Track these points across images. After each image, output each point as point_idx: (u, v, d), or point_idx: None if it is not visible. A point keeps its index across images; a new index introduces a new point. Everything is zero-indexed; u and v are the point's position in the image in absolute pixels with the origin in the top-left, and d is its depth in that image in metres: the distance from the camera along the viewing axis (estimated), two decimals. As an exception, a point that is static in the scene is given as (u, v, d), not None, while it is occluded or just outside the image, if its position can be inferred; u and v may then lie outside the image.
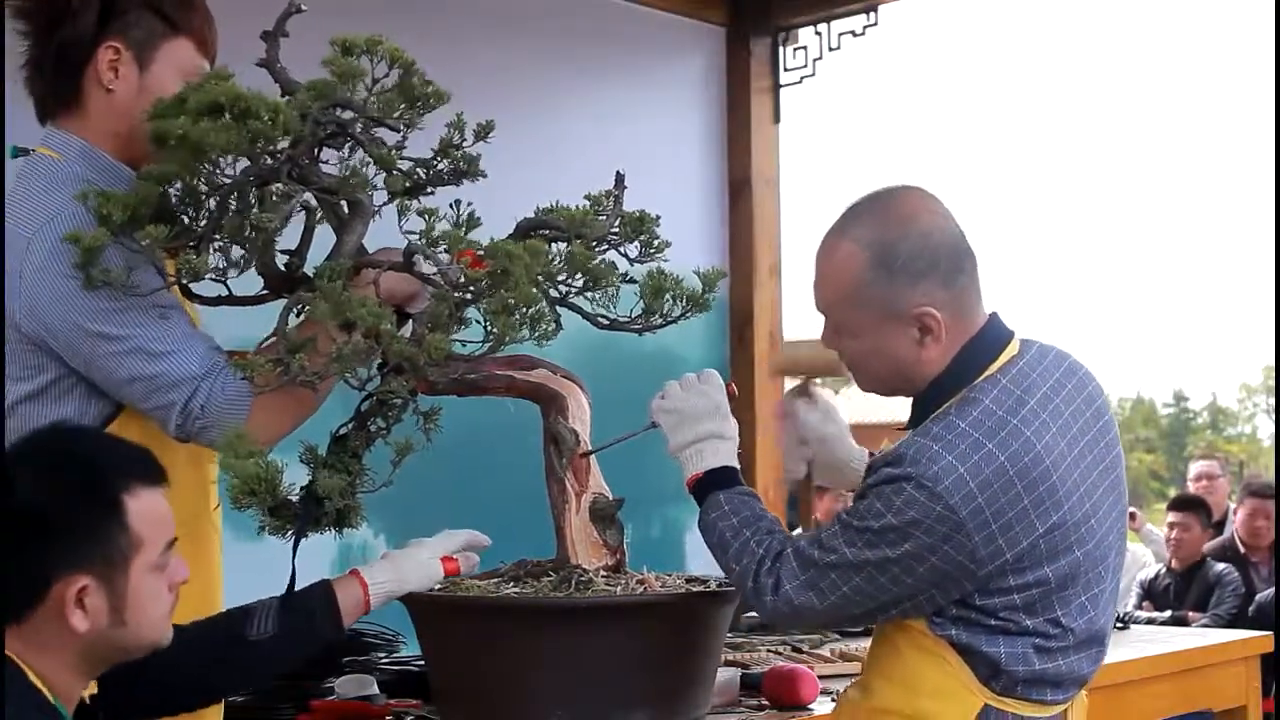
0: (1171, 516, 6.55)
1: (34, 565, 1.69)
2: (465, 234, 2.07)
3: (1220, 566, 6.33)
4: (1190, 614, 6.13)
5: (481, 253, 2.04)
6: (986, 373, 2.08)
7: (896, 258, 2.06)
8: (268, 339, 2.07)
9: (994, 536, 1.98)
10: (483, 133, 2.11)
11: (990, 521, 1.97)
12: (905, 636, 2.11)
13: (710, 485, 2.22)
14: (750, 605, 2.18)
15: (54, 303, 2.03)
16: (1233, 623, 5.82)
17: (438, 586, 2.20)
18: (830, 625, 2.10)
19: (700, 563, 2.69)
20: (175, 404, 2.03)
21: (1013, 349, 2.12)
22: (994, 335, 2.11)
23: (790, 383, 2.46)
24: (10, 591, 1.70)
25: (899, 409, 2.54)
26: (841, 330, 2.15)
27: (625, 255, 2.26)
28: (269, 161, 2.02)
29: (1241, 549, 6.51)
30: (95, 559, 1.71)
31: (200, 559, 2.18)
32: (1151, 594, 6.48)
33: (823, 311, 2.17)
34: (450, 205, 2.12)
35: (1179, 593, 6.39)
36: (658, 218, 2.28)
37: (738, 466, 2.24)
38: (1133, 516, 7.49)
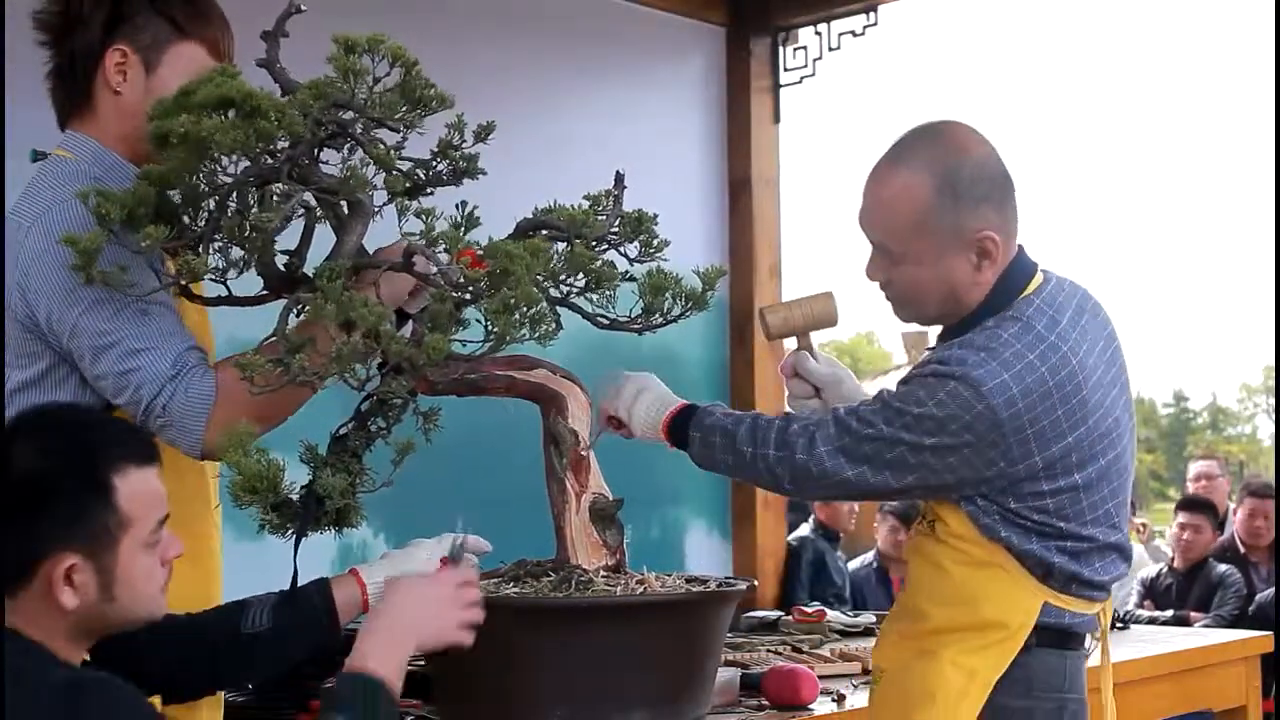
0: (1181, 517, 6.52)
1: (23, 542, 1.71)
2: (464, 234, 2.07)
3: (1223, 567, 6.31)
4: (1192, 614, 6.12)
5: (481, 252, 2.05)
6: (1021, 297, 2.20)
7: (960, 183, 2.16)
8: (268, 339, 2.07)
9: (1028, 441, 2.10)
10: (482, 133, 2.11)
11: (1026, 427, 2.09)
12: (951, 555, 2.20)
13: (680, 423, 2.28)
14: (775, 480, 2.20)
15: (44, 289, 2.06)
16: (1234, 624, 5.81)
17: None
18: (848, 496, 2.20)
19: (700, 563, 2.69)
20: (141, 401, 2.05)
21: (1038, 278, 2.24)
22: (1025, 265, 2.23)
23: (789, 346, 2.45)
24: (4, 568, 1.71)
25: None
26: (901, 259, 2.21)
27: (625, 255, 2.26)
28: (269, 161, 2.02)
29: (1241, 549, 6.51)
30: (83, 538, 1.72)
31: (200, 558, 2.19)
32: (1153, 593, 6.47)
33: (877, 242, 2.23)
34: (456, 206, 2.12)
35: (1181, 592, 6.37)
36: (656, 217, 2.28)
37: (693, 403, 2.29)
38: (1143, 528, 7.49)
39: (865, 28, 5.08)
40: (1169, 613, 6.17)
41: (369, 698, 1.82)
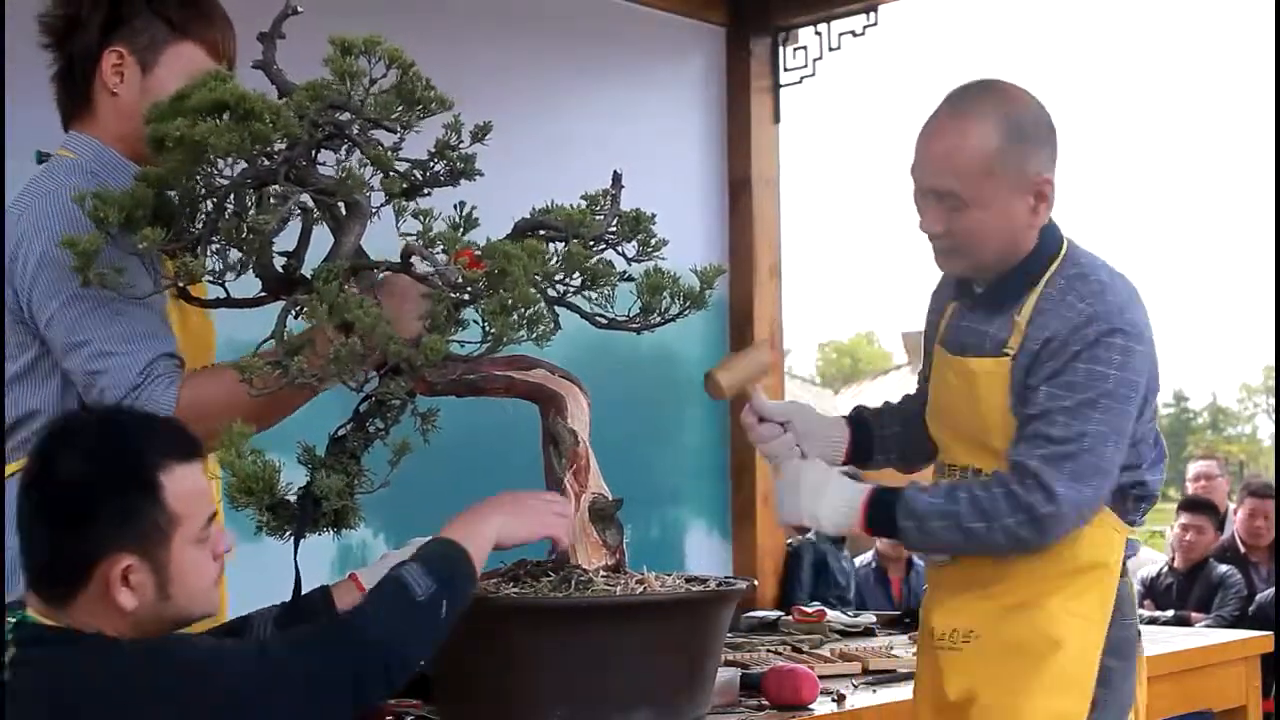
0: (1184, 518, 6.50)
1: (77, 547, 1.72)
2: (463, 235, 2.07)
3: (1223, 568, 6.29)
4: (1193, 614, 6.11)
5: (479, 253, 2.04)
6: (1063, 251, 2.33)
7: (1025, 127, 2.27)
8: (266, 340, 2.07)
9: (1156, 371, 2.31)
10: (480, 134, 2.10)
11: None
12: None
13: (881, 519, 2.32)
14: (1020, 543, 2.25)
15: (28, 274, 2.09)
16: (1235, 625, 5.80)
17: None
18: (1094, 512, 2.28)
19: (700, 563, 2.69)
20: (105, 404, 2.05)
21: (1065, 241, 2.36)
22: (1054, 234, 2.35)
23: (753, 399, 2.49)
24: (57, 574, 1.73)
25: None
26: (969, 203, 2.27)
27: (623, 254, 2.26)
28: (266, 163, 2.02)
29: (1241, 549, 6.50)
30: (135, 538, 1.73)
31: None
32: (1153, 593, 6.46)
33: (946, 189, 2.29)
34: (454, 207, 2.12)
35: (1181, 593, 6.36)
36: (654, 216, 2.28)
37: (878, 485, 2.35)
38: None
39: (865, 28, 5.08)
40: (1169, 613, 6.16)
41: (446, 554, 1.92)
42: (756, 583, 2.47)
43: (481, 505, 2.07)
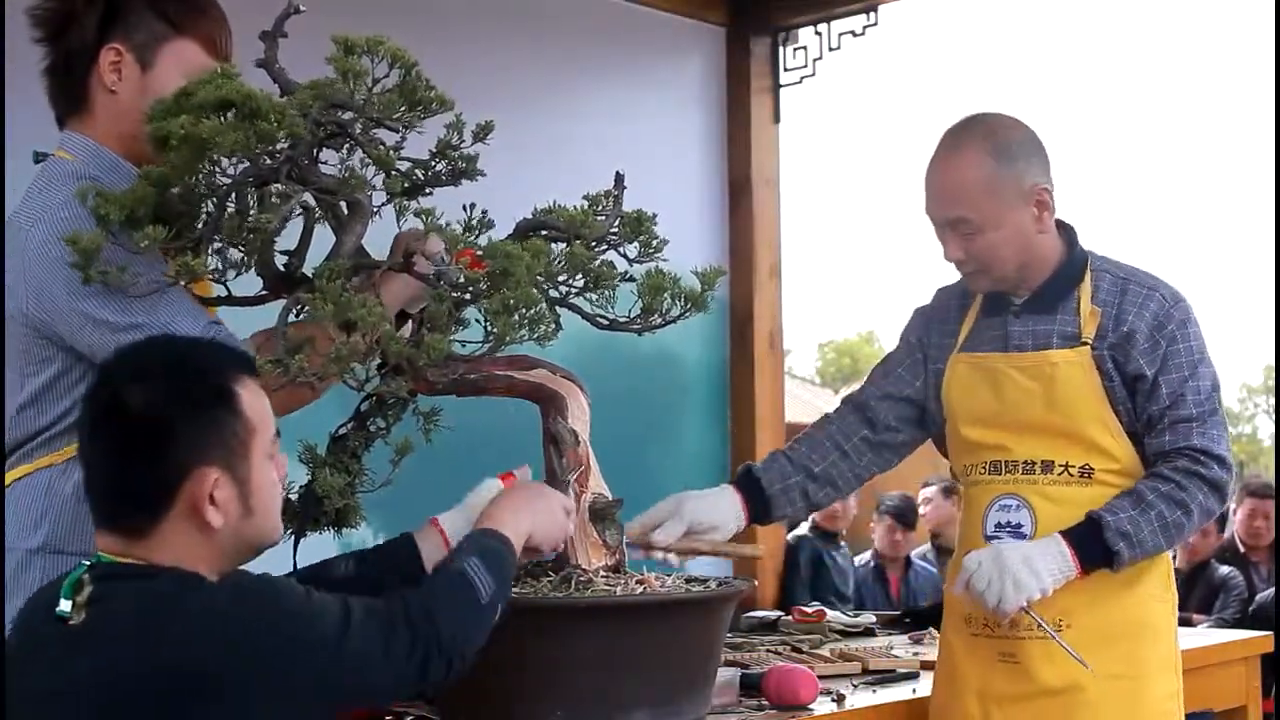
0: None
1: (162, 470, 1.72)
2: (476, 236, 2.07)
3: (1225, 569, 6.27)
4: (1194, 616, 6.10)
5: (481, 253, 2.04)
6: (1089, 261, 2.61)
7: (1011, 147, 2.54)
8: (261, 330, 2.06)
9: None
10: (481, 133, 2.10)
11: None
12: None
13: (1093, 552, 2.46)
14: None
15: (55, 288, 2.05)
16: (1235, 627, 5.79)
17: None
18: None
19: (700, 563, 2.69)
20: None
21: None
22: (1076, 238, 2.63)
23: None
24: (139, 503, 1.73)
25: None
26: (980, 226, 2.53)
27: (624, 255, 2.26)
28: (268, 162, 2.02)
29: (1242, 549, 6.49)
30: (220, 449, 1.74)
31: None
32: (1153, 593, 6.45)
33: (953, 219, 2.55)
34: (463, 208, 2.12)
35: (1183, 594, 6.33)
36: (655, 217, 2.28)
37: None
38: None
39: (865, 28, 5.08)
40: (1169, 614, 6.14)
41: (497, 550, 1.95)
42: (756, 583, 2.47)
43: (518, 499, 2.09)
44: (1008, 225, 2.53)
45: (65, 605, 1.69)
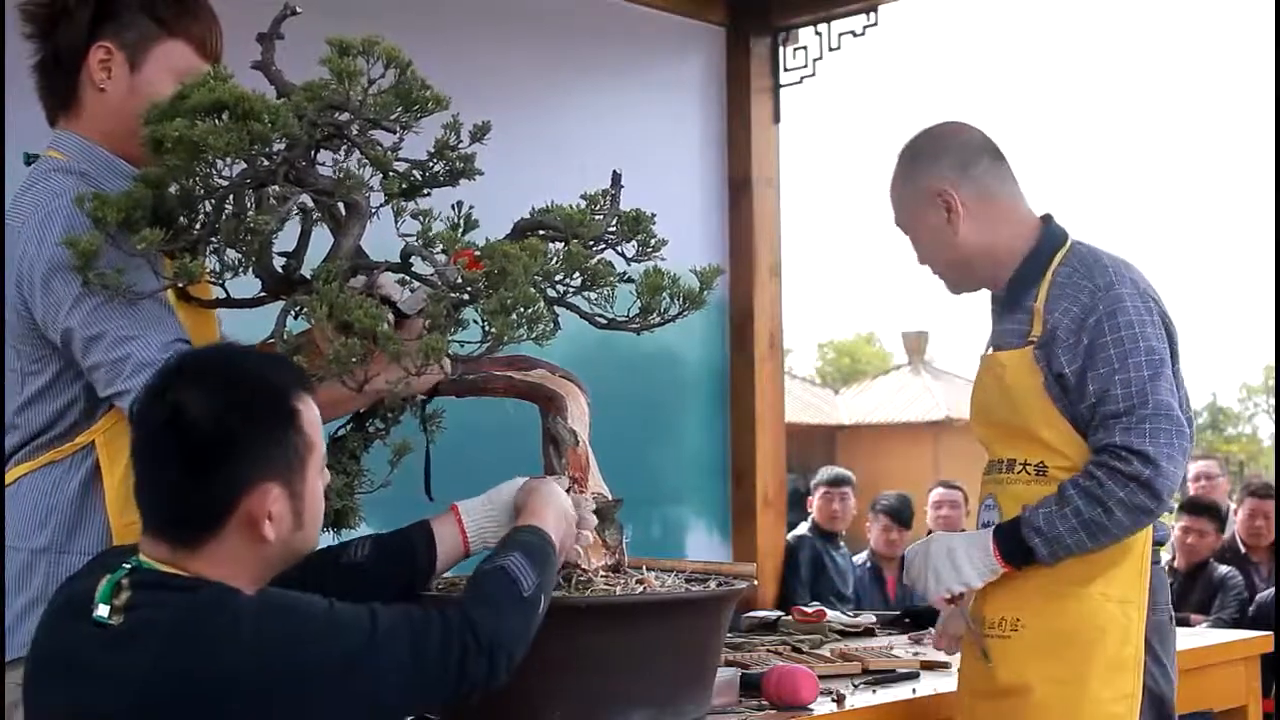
0: (1185, 520, 6.43)
1: (223, 484, 1.72)
2: (462, 235, 2.07)
3: (1224, 569, 6.25)
4: (1193, 616, 6.08)
5: (479, 253, 2.04)
6: (1066, 246, 2.57)
7: (915, 149, 2.62)
8: (265, 340, 2.06)
9: None
10: (479, 134, 2.10)
11: None
12: None
13: (1014, 548, 2.49)
14: (1141, 513, 2.41)
15: (36, 286, 2.06)
16: (1234, 627, 5.78)
17: (439, 587, 2.21)
18: (1188, 449, 2.50)
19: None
20: (132, 390, 2.02)
21: (1068, 244, 2.60)
22: (1057, 230, 2.61)
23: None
24: (197, 515, 1.73)
25: (897, 411, 2.62)
26: (908, 231, 2.66)
27: (622, 254, 2.26)
28: (265, 164, 2.02)
29: (1242, 549, 6.48)
30: (282, 466, 1.75)
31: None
32: (1153, 592, 6.44)
33: (902, 230, 2.68)
34: (452, 207, 2.12)
35: (1182, 594, 6.32)
36: (654, 216, 2.28)
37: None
38: None
39: (865, 28, 5.08)
40: (1169, 614, 6.13)
41: (544, 547, 1.96)
42: (756, 582, 2.47)
43: (548, 501, 2.10)
44: (921, 228, 2.62)
45: (103, 610, 1.69)
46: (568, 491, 2.23)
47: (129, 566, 1.73)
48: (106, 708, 1.67)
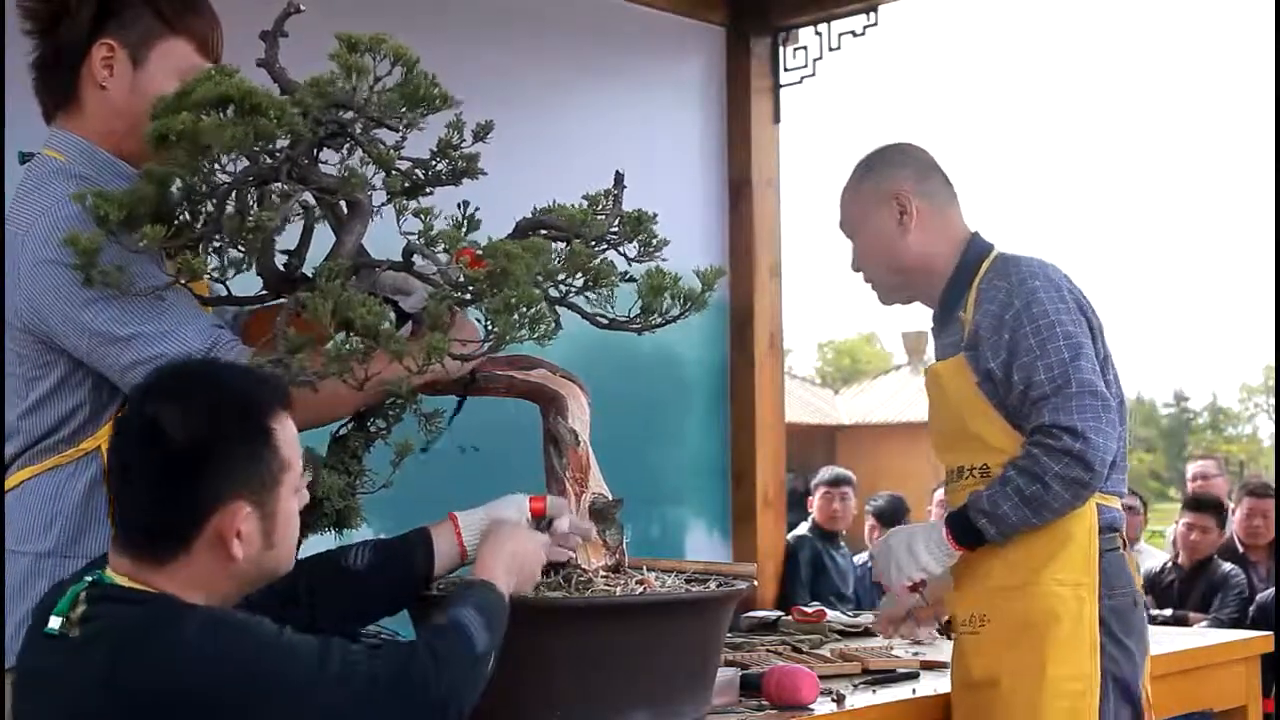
0: (1189, 517, 6.42)
1: (193, 499, 1.72)
2: (464, 234, 2.07)
3: (1227, 567, 6.23)
4: (1192, 615, 6.08)
5: (480, 252, 2.04)
6: (992, 255, 2.72)
7: (875, 158, 2.81)
8: (266, 339, 2.06)
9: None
10: (481, 133, 2.10)
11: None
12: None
13: (964, 530, 2.63)
14: (1079, 486, 2.54)
15: (49, 296, 2.04)
16: (1234, 626, 5.78)
17: (440, 587, 2.21)
18: (1117, 423, 2.61)
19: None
20: None
21: (994, 254, 2.75)
22: (982, 243, 2.76)
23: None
24: (166, 531, 1.73)
25: (897, 411, 2.65)
26: (852, 232, 2.81)
27: (624, 255, 2.26)
28: (268, 161, 2.02)
29: (1241, 549, 6.48)
30: (254, 485, 1.74)
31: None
32: (1155, 589, 6.43)
33: (845, 233, 2.84)
34: (457, 206, 2.12)
35: (1183, 591, 6.33)
36: (655, 216, 2.28)
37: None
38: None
39: (865, 28, 5.08)
40: (1168, 612, 6.13)
41: (494, 603, 1.97)
42: (756, 582, 2.47)
43: (497, 552, 2.08)
44: (870, 229, 2.78)
45: (55, 623, 1.70)
46: (564, 495, 2.24)
47: (90, 580, 1.73)
48: (52, 714, 1.67)
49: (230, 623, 1.71)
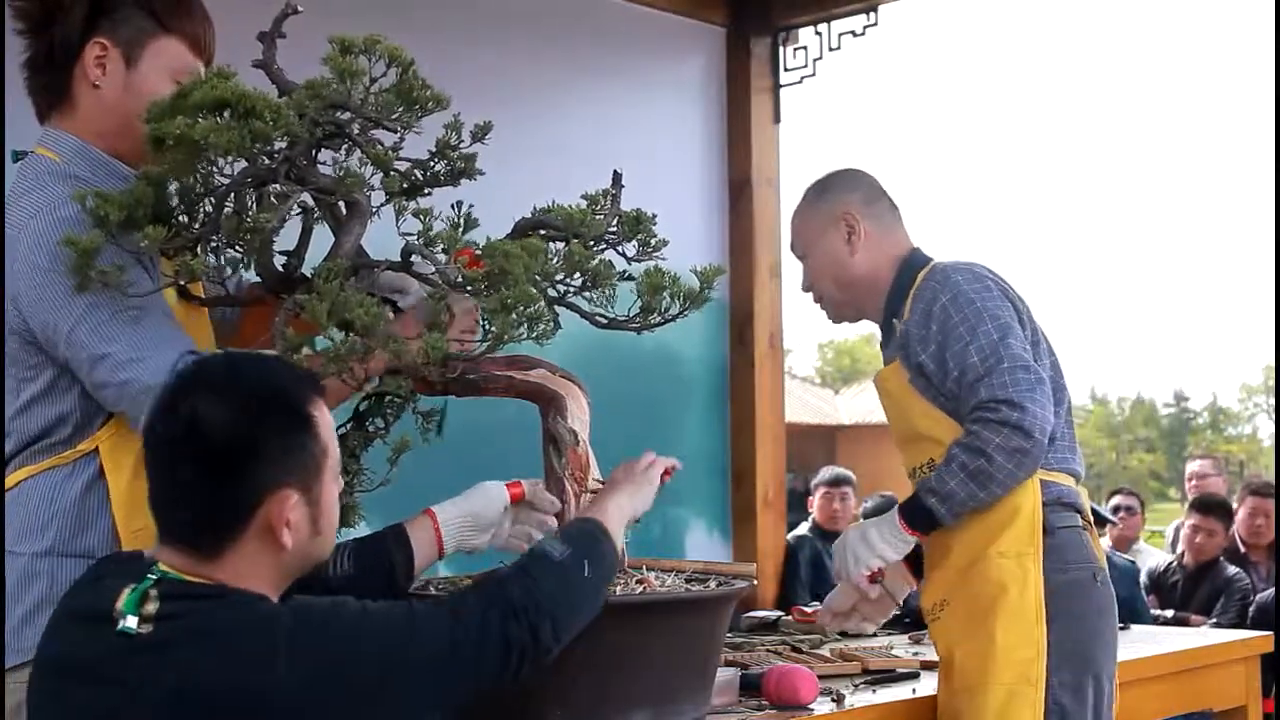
0: (1195, 519, 6.38)
1: (242, 491, 1.72)
2: (462, 234, 2.07)
3: (1232, 571, 6.20)
4: (1193, 617, 6.06)
5: (479, 252, 2.04)
6: (929, 266, 2.83)
7: (825, 182, 2.96)
8: (265, 339, 2.06)
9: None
10: (480, 134, 2.10)
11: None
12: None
13: (915, 513, 2.72)
14: (1023, 456, 2.61)
15: (36, 299, 2.04)
16: (1234, 628, 5.77)
17: (439, 586, 2.20)
18: (1050, 395, 2.69)
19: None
20: (142, 411, 1.99)
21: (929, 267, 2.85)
22: (919, 257, 2.87)
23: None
24: (216, 523, 1.73)
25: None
26: (804, 253, 2.95)
27: (623, 254, 2.26)
28: (266, 162, 2.02)
29: (1242, 549, 6.48)
30: (299, 472, 1.75)
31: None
32: (1159, 588, 6.42)
33: (796, 254, 2.99)
34: (452, 206, 2.12)
35: (1186, 592, 6.32)
36: (655, 216, 2.28)
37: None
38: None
39: (865, 28, 5.07)
40: (1169, 613, 6.13)
41: (581, 529, 2.02)
42: (756, 582, 2.47)
43: (603, 490, 2.19)
44: (821, 249, 2.90)
45: (131, 621, 1.68)
46: (564, 495, 2.25)
47: (154, 577, 1.72)
48: (131, 715, 1.66)
49: (317, 615, 1.72)
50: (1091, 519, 2.83)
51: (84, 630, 1.74)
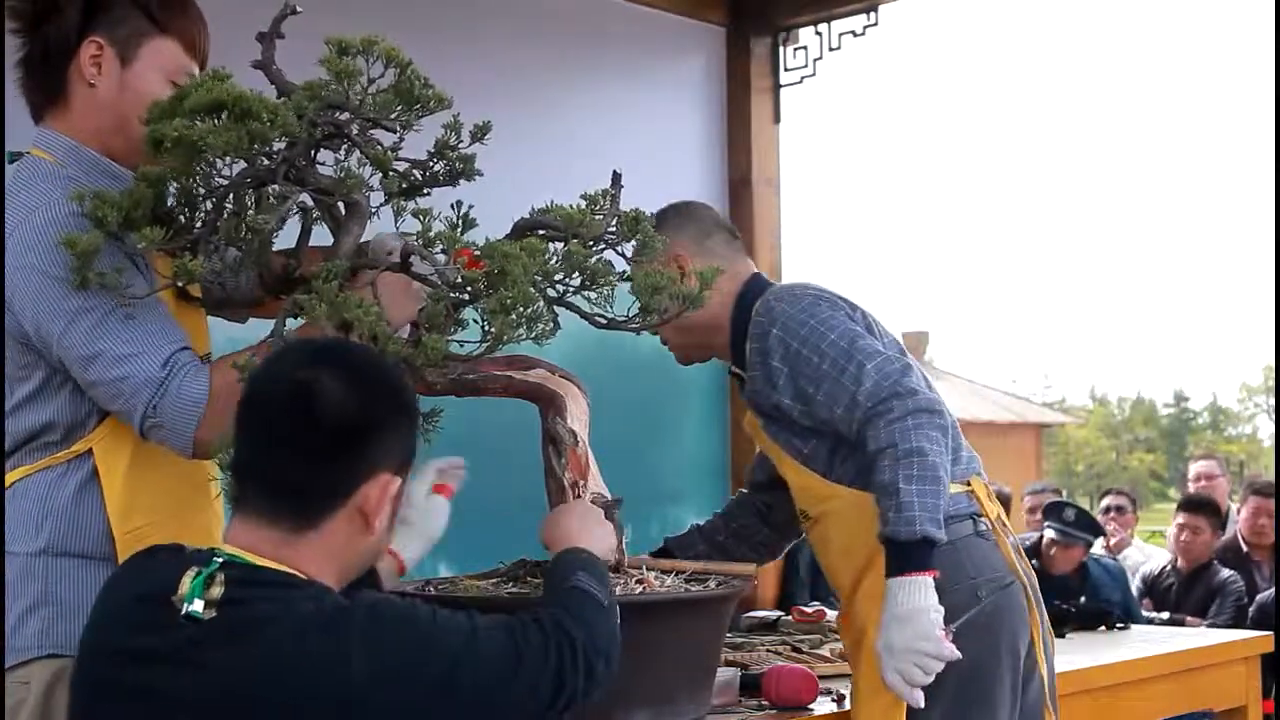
0: (1180, 518, 6.40)
1: (347, 468, 1.72)
2: (461, 234, 2.07)
3: (1225, 573, 6.20)
4: (1188, 619, 6.06)
5: (478, 253, 2.04)
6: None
7: (657, 219, 2.55)
8: (265, 339, 2.06)
9: None
10: (479, 134, 2.10)
11: None
12: (839, 510, 2.63)
13: (908, 558, 2.42)
14: (938, 430, 2.48)
15: (28, 300, 2.04)
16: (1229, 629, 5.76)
17: (434, 589, 2.20)
18: (920, 380, 2.57)
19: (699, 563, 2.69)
20: (136, 407, 2.02)
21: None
22: (754, 291, 2.71)
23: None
24: (313, 500, 1.72)
25: None
26: None
27: (622, 254, 2.26)
28: (265, 163, 2.02)
29: (1244, 548, 6.47)
30: (398, 460, 1.76)
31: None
32: (1153, 591, 6.42)
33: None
34: (451, 206, 2.12)
35: (1181, 594, 6.32)
36: (654, 217, 2.28)
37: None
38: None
39: (865, 28, 5.08)
40: (1165, 615, 6.12)
41: (592, 561, 1.99)
42: (756, 582, 2.47)
43: (581, 522, 2.12)
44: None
45: (198, 605, 1.66)
46: (564, 495, 2.24)
47: (221, 560, 1.70)
48: (194, 697, 1.64)
49: (390, 614, 1.70)
50: (992, 514, 2.64)
51: (146, 613, 1.71)
